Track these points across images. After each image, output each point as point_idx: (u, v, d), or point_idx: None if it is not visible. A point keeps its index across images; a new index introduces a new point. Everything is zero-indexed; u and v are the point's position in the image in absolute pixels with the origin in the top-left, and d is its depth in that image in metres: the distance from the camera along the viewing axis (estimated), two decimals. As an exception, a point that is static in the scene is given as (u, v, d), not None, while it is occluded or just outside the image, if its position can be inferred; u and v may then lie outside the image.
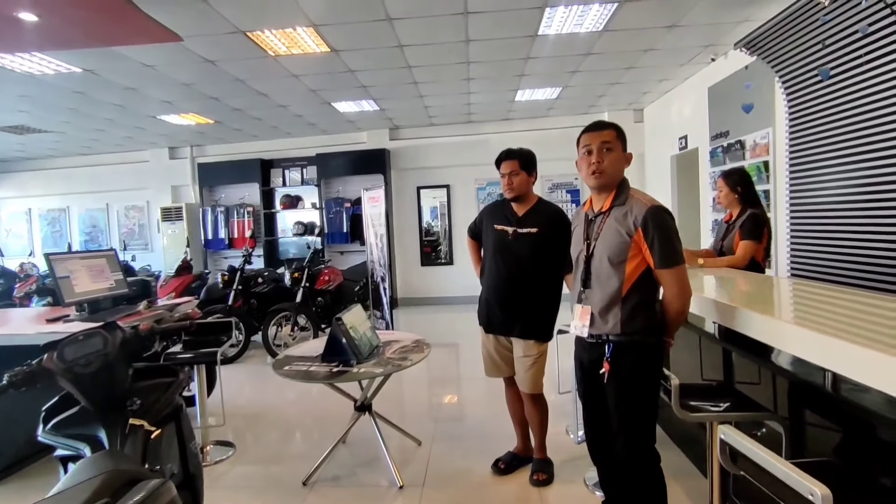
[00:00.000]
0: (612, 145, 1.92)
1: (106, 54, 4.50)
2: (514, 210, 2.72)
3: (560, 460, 2.88)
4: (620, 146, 1.95)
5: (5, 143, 8.12)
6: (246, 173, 8.73)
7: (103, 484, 1.07)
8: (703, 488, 2.51)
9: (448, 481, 2.80)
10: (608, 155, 1.91)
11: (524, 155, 2.68)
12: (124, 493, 1.10)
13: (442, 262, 8.81)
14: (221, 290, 5.72)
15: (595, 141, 1.93)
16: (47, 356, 1.65)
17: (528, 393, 2.71)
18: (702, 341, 2.72)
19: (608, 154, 1.91)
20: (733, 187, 3.30)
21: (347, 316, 2.91)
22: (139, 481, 1.16)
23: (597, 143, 1.92)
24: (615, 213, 1.91)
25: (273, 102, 6.54)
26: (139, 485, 1.11)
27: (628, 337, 1.86)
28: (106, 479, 1.09)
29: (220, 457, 3.19)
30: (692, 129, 6.42)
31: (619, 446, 1.91)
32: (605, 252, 1.90)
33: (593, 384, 1.98)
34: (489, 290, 2.78)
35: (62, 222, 9.79)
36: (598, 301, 1.92)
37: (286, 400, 4.34)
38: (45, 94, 5.68)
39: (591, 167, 1.92)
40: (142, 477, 1.18)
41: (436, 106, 7.29)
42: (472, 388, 4.49)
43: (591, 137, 1.95)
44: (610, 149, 1.92)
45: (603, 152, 1.91)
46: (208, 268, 8.51)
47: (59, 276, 2.89)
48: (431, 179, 8.73)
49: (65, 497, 1.02)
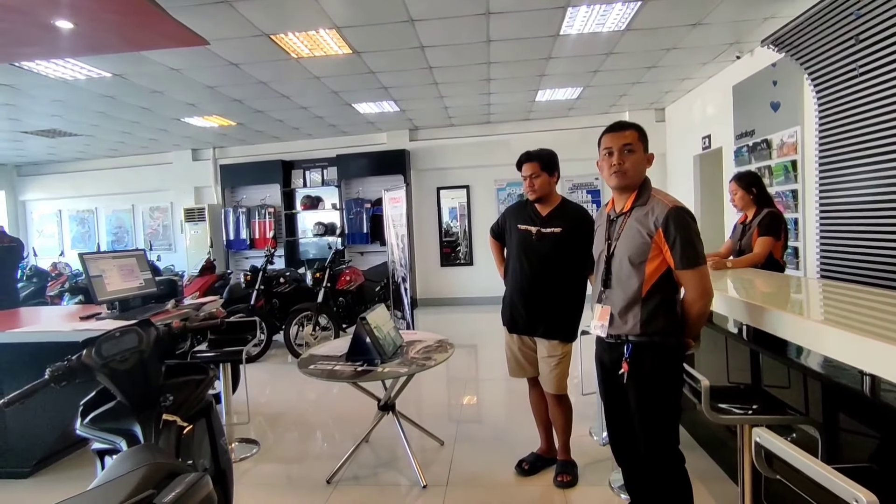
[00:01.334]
0: (633, 146, 1.90)
1: (135, 59, 4.61)
2: (538, 210, 2.71)
3: (584, 462, 2.86)
4: (642, 147, 1.93)
5: (38, 146, 8.37)
6: (267, 174, 8.85)
7: (146, 476, 1.10)
8: (731, 493, 2.48)
9: (471, 482, 2.80)
10: (629, 157, 1.90)
11: (545, 156, 2.67)
12: (165, 486, 1.12)
13: (462, 262, 8.81)
14: (244, 290, 5.80)
15: (616, 143, 1.91)
16: (86, 352, 1.69)
17: (553, 393, 2.69)
18: (728, 342, 2.68)
19: (629, 156, 1.90)
20: (748, 189, 3.33)
21: (372, 315, 2.93)
22: (178, 474, 1.18)
23: (618, 144, 1.90)
24: (636, 213, 1.90)
25: (295, 104, 6.62)
26: (178, 478, 1.14)
27: (648, 338, 1.85)
28: (147, 471, 1.12)
29: (245, 454, 3.23)
30: (716, 128, 6.32)
31: (641, 447, 1.90)
32: (625, 252, 1.89)
33: (614, 384, 1.97)
34: (513, 290, 2.78)
35: (91, 223, 10.05)
36: (617, 301, 1.91)
37: (307, 399, 4.38)
38: (77, 99, 5.83)
39: (613, 168, 1.91)
40: (181, 470, 1.20)
41: (455, 106, 7.30)
42: (493, 389, 4.49)
43: (612, 139, 1.93)
44: (631, 150, 1.90)
45: (624, 154, 1.90)
46: (230, 268, 8.64)
47: (92, 275, 2.97)
48: (451, 180, 8.75)
49: (110, 488, 1.05)
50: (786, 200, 4.83)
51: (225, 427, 3.26)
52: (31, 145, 8.26)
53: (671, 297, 1.87)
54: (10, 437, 3.02)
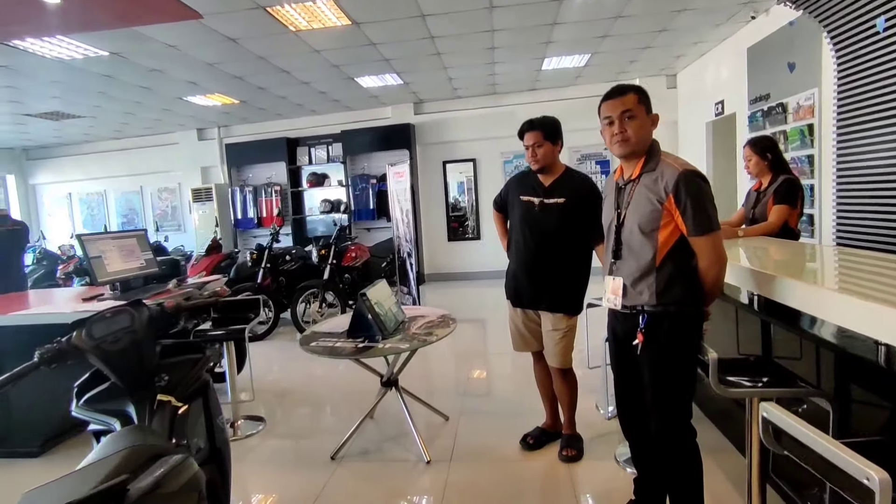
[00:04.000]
0: (633, 111, 1.79)
1: (130, 36, 4.51)
2: (541, 180, 2.62)
3: (590, 436, 2.83)
4: (644, 110, 1.81)
5: (43, 129, 8.35)
6: (272, 152, 8.77)
7: (125, 459, 1.07)
8: (740, 466, 2.42)
9: (475, 456, 2.79)
10: (631, 123, 1.79)
11: (547, 124, 2.56)
12: (147, 468, 1.10)
13: (469, 237, 8.74)
14: (250, 269, 5.80)
15: (615, 110, 1.80)
16: (76, 333, 1.66)
17: (557, 367, 2.65)
18: (738, 313, 2.60)
19: (631, 122, 1.79)
20: (762, 154, 3.18)
21: (372, 291, 2.89)
22: (162, 456, 1.15)
23: (617, 112, 1.80)
24: (645, 179, 1.81)
25: (296, 80, 6.50)
26: (161, 460, 1.11)
27: (664, 308, 1.77)
28: (128, 454, 1.09)
29: (250, 431, 3.25)
30: (729, 93, 6.10)
31: (653, 421, 1.84)
32: (635, 220, 1.80)
33: (626, 356, 1.90)
34: (516, 262, 2.71)
35: (100, 206, 10.10)
36: (630, 272, 1.83)
37: (315, 375, 4.40)
38: (75, 79, 5.77)
39: (615, 137, 1.82)
40: (164, 452, 1.17)
41: (460, 78, 7.12)
42: (499, 363, 4.46)
43: (610, 107, 1.83)
44: (632, 116, 1.79)
45: (625, 121, 1.79)
46: (238, 247, 8.66)
47: (91, 257, 2.95)
48: (457, 153, 8.61)
49: (87, 472, 1.02)
50: (801, 166, 4.66)
51: (230, 405, 3.29)
52: (37, 128, 8.25)
53: (687, 264, 1.78)
54: (16, 418, 3.06)
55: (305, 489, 2.59)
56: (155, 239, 8.22)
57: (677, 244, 1.76)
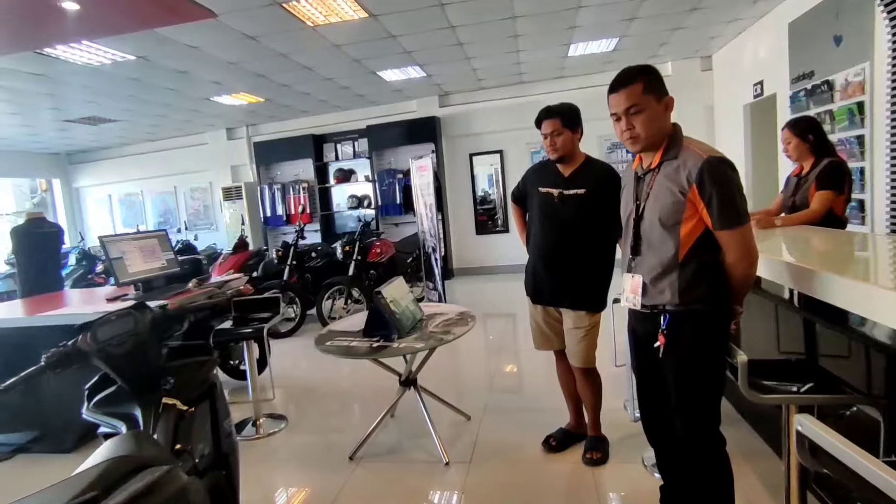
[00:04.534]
0: (640, 105, 1.63)
1: (153, 39, 4.58)
2: (560, 171, 2.49)
3: (616, 438, 2.70)
4: (652, 100, 1.64)
5: (82, 134, 8.66)
6: (299, 149, 8.83)
7: (102, 473, 1.03)
8: (778, 471, 2.25)
9: (496, 458, 2.70)
10: (638, 117, 1.64)
11: (566, 111, 2.42)
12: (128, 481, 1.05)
13: (498, 230, 8.61)
14: (277, 266, 5.85)
15: (619, 106, 1.67)
16: (81, 337, 1.66)
17: (580, 367, 2.52)
18: (778, 310, 2.41)
19: (637, 116, 1.64)
20: (803, 136, 2.94)
21: (388, 289, 2.82)
22: (146, 467, 1.11)
23: (621, 108, 1.66)
24: (666, 168, 1.66)
25: (318, 76, 6.49)
26: (142, 473, 1.06)
27: (687, 307, 1.63)
28: (107, 467, 1.05)
29: (273, 429, 3.25)
30: (769, 72, 5.75)
31: (677, 427, 1.70)
32: (655, 213, 1.66)
33: (648, 358, 1.77)
34: (536, 257, 2.60)
35: (138, 206, 10.43)
36: (650, 269, 1.69)
37: (341, 373, 4.38)
38: (107, 84, 5.92)
39: (624, 135, 1.69)
40: (150, 463, 1.13)
41: (484, 68, 6.97)
42: (526, 361, 4.34)
43: (613, 102, 1.69)
44: (638, 110, 1.63)
45: (630, 116, 1.64)
46: (268, 244, 8.78)
47: (113, 258, 2.99)
48: (484, 145, 8.47)
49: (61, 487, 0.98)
50: (850, 148, 4.34)
51: (252, 403, 3.30)
52: (77, 133, 8.56)
53: (713, 260, 1.63)
54: (51, 418, 3.15)
55: (323, 490, 2.56)
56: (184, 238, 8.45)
57: (702, 238, 1.61)
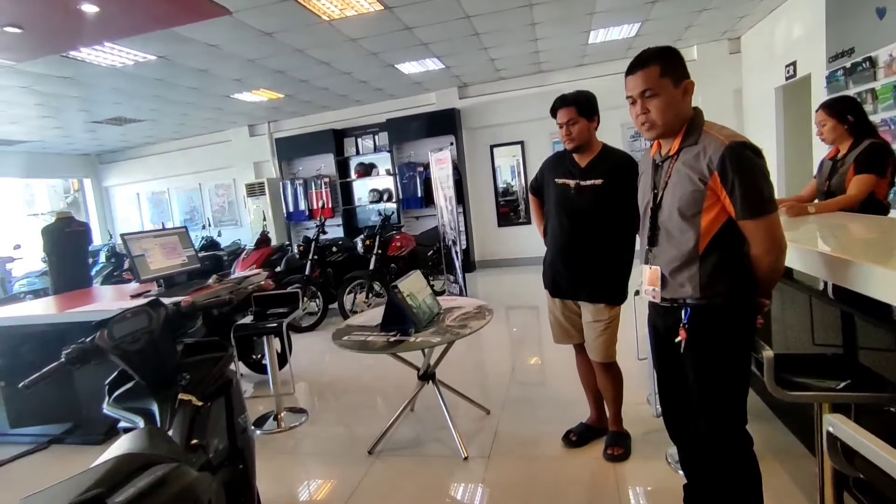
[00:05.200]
0: (655, 89, 1.54)
1: (172, 39, 4.64)
2: (576, 161, 2.41)
3: (638, 433, 2.62)
4: (668, 83, 1.54)
5: (111, 134, 8.88)
6: (320, 144, 8.88)
7: (110, 470, 1.03)
8: (811, 471, 2.16)
9: (515, 453, 2.66)
10: (653, 101, 1.55)
11: (581, 99, 2.34)
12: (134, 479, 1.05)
13: (521, 222, 8.52)
14: (299, 261, 5.89)
15: (634, 89, 1.58)
16: (99, 334, 1.68)
17: (599, 362, 2.46)
18: (811, 302, 2.30)
19: (652, 100, 1.55)
20: (840, 117, 2.74)
21: (404, 283, 2.80)
22: (155, 464, 1.11)
23: (636, 91, 1.58)
24: (685, 155, 1.57)
25: (336, 70, 6.49)
26: (149, 470, 1.06)
27: (709, 301, 1.54)
28: (115, 464, 1.05)
29: (293, 423, 3.28)
30: (803, 52, 5.50)
31: (700, 426, 1.63)
32: (674, 203, 1.57)
33: (669, 353, 1.69)
34: (553, 250, 2.54)
35: (165, 204, 10.66)
36: (668, 261, 1.61)
37: (362, 366, 4.39)
38: (131, 85, 6.04)
39: (638, 120, 1.61)
40: (158, 460, 1.13)
41: (502, 58, 6.87)
42: (546, 354, 4.28)
43: (630, 85, 1.60)
44: (654, 94, 1.54)
45: (645, 100, 1.56)
46: (291, 239, 8.87)
47: (134, 255, 3.05)
48: (504, 136, 8.38)
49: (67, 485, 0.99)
50: (895, 129, 4.12)
51: (273, 397, 3.33)
52: (105, 134, 8.78)
53: (736, 251, 1.54)
54: (84, 411, 3.24)
55: (342, 483, 2.56)
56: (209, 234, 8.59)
57: (724, 229, 1.52)
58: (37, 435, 3.38)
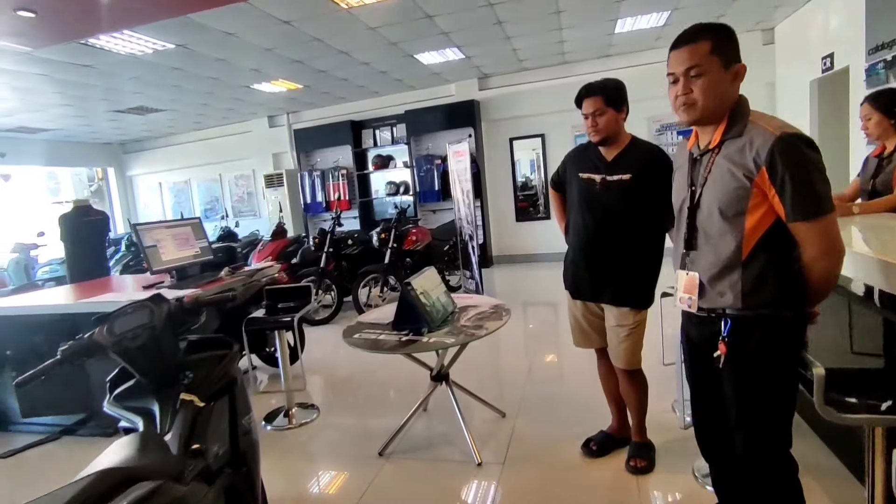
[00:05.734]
0: (703, 67, 1.37)
1: (190, 27, 4.59)
2: (602, 154, 2.27)
3: (663, 443, 2.48)
4: (717, 63, 1.38)
5: (132, 124, 8.95)
6: (338, 136, 8.82)
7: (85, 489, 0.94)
8: (856, 497, 2.00)
9: (532, 461, 2.55)
10: (698, 81, 1.38)
11: (609, 88, 2.19)
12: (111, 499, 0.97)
13: (539, 216, 8.35)
14: (314, 253, 5.84)
15: (679, 65, 1.41)
16: (98, 330, 1.62)
17: (623, 369, 2.32)
18: (851, 310, 2.12)
19: (698, 80, 1.38)
20: (887, 111, 2.58)
21: (418, 280, 2.70)
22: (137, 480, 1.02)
23: (681, 68, 1.40)
24: (728, 148, 1.40)
25: (355, 60, 6.39)
26: (129, 490, 0.98)
27: (753, 311, 1.39)
28: (92, 482, 0.96)
29: (304, 419, 3.21)
30: (841, 43, 5.22)
31: (738, 447, 1.48)
32: (714, 201, 1.42)
33: (704, 367, 1.54)
34: (575, 249, 2.40)
35: (186, 194, 10.74)
36: (707, 266, 1.46)
37: (376, 362, 4.29)
38: (151, 74, 6.03)
39: (678, 101, 1.43)
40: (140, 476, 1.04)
41: (525, 48, 6.69)
42: (565, 356, 4.13)
43: (674, 60, 1.43)
44: (700, 72, 1.38)
45: (689, 79, 1.39)
46: (308, 231, 8.84)
47: (146, 246, 3.00)
48: (525, 129, 8.20)
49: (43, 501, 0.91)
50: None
51: (284, 393, 3.27)
52: (128, 123, 8.84)
53: (784, 256, 1.38)
54: (95, 402, 3.21)
55: (350, 486, 2.49)
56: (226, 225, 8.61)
57: (771, 231, 1.36)
58: (49, 425, 3.38)
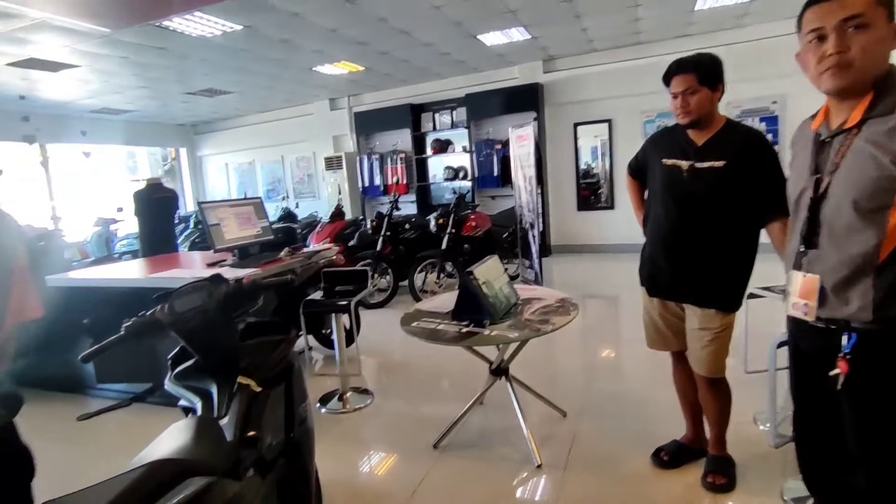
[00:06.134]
0: (866, 17, 1.11)
1: (257, 8, 4.64)
2: (692, 138, 2.03)
3: (743, 458, 2.23)
4: (884, 14, 1.13)
5: (203, 106, 9.28)
6: (397, 119, 8.77)
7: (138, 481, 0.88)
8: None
9: (596, 468, 2.38)
10: (859, 36, 1.12)
11: (704, 64, 1.94)
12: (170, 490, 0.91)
13: (602, 206, 8.00)
14: (371, 236, 5.83)
15: (831, 18, 1.14)
16: (159, 308, 1.60)
17: (705, 377, 2.10)
18: None
19: (859, 34, 1.12)
20: None
21: (480, 269, 2.56)
22: (191, 474, 0.96)
23: (834, 21, 1.14)
24: (871, 128, 1.16)
25: (417, 41, 6.27)
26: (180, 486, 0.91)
27: (886, 326, 1.16)
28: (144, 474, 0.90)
29: (359, 405, 3.19)
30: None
31: (859, 483, 1.26)
32: (849, 192, 1.18)
33: (816, 386, 1.32)
34: (655, 242, 2.17)
35: (250, 175, 11.09)
36: (832, 269, 1.23)
37: (433, 348, 4.07)
38: (219, 56, 6.17)
39: (827, 61, 1.16)
40: (194, 470, 0.98)
41: (596, 27, 6.33)
42: (633, 355, 3.89)
43: (821, 13, 1.16)
44: (862, 23, 1.12)
45: (846, 32, 1.13)
46: (366, 214, 8.90)
47: (210, 224, 3.03)
48: (590, 114, 7.83)
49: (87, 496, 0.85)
50: None
51: (339, 377, 3.25)
52: (198, 105, 9.18)
53: None
54: (162, 372, 3.33)
55: (404, 479, 2.41)
56: (286, 206, 8.79)
57: None
58: (121, 391, 3.54)
